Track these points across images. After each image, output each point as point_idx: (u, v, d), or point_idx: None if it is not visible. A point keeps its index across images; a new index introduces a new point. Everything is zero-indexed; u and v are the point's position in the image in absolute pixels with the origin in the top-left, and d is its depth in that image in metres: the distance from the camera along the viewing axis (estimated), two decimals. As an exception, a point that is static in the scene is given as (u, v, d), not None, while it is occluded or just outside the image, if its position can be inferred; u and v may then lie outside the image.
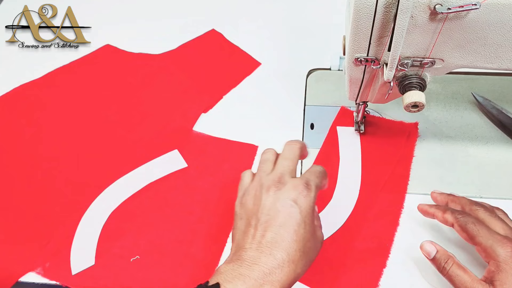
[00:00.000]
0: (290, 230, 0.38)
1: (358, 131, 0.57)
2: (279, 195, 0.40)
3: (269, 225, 0.38)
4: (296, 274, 0.37)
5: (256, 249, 0.37)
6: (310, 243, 0.39)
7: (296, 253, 0.37)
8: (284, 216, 0.38)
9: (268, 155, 0.45)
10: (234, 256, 0.38)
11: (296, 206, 0.39)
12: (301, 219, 0.38)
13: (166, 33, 0.73)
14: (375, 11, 0.38)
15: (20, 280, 0.48)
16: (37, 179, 0.57)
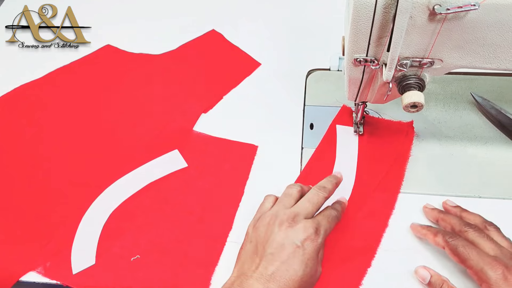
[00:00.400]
0: (290, 268, 0.40)
1: (357, 132, 0.57)
2: (289, 233, 0.42)
3: (273, 259, 0.40)
4: None
5: (256, 279, 0.40)
6: (307, 283, 0.41)
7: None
8: (288, 254, 0.40)
9: (293, 190, 0.47)
10: (236, 282, 0.40)
11: (302, 248, 0.41)
12: (304, 261, 0.40)
13: (166, 33, 0.73)
14: (374, 12, 0.38)
15: (20, 279, 0.49)
16: (37, 179, 0.57)
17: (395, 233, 0.50)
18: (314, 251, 0.41)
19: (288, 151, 0.57)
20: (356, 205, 0.51)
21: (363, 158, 0.55)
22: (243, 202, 0.53)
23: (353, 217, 0.51)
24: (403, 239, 0.49)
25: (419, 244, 0.49)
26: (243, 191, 0.54)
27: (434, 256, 0.48)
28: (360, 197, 0.52)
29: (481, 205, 0.51)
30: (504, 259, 0.41)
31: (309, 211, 0.44)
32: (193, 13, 0.76)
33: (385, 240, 0.49)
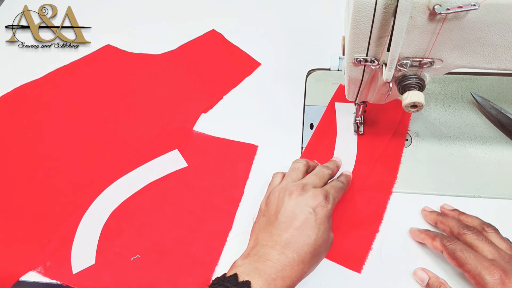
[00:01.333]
0: (304, 234, 0.41)
1: (357, 132, 0.57)
2: (299, 200, 0.44)
3: (287, 227, 0.42)
4: (304, 273, 0.41)
5: (272, 246, 0.41)
6: (321, 247, 0.42)
7: (306, 255, 0.41)
8: (300, 221, 0.42)
9: (299, 164, 0.50)
10: (252, 251, 0.42)
11: (313, 213, 0.43)
12: (316, 226, 0.42)
13: (166, 33, 0.73)
14: (374, 12, 0.38)
15: (21, 279, 0.49)
16: (37, 179, 0.57)
17: (394, 233, 0.50)
18: (325, 216, 0.43)
19: (288, 151, 0.57)
20: (361, 175, 0.53)
21: (364, 131, 0.57)
22: (243, 202, 0.53)
23: (358, 188, 0.53)
24: (403, 239, 0.49)
25: (419, 247, 0.49)
26: (243, 191, 0.54)
27: (433, 259, 0.48)
28: (363, 168, 0.54)
29: (481, 205, 0.51)
30: (502, 263, 0.41)
31: (316, 183, 0.47)
32: (193, 13, 0.76)
33: (385, 240, 0.49)
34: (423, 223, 0.50)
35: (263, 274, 0.39)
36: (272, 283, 0.39)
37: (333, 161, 0.53)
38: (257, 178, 0.55)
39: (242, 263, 0.41)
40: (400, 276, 0.47)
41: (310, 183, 0.46)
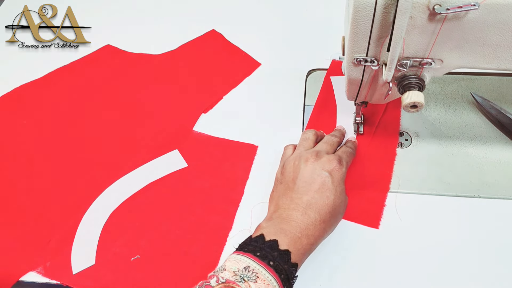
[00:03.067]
0: (323, 195, 0.45)
1: (357, 132, 0.57)
2: (315, 165, 0.47)
3: (306, 190, 0.45)
4: (325, 232, 0.44)
5: (294, 209, 0.44)
6: (339, 208, 0.46)
7: (326, 215, 0.44)
8: (319, 184, 0.45)
9: (309, 134, 0.53)
10: (274, 215, 0.45)
11: (330, 176, 0.46)
12: (333, 187, 0.45)
13: (166, 33, 0.73)
14: (374, 12, 0.38)
15: (21, 279, 0.49)
16: (37, 179, 0.57)
17: (394, 233, 0.50)
18: (340, 178, 0.46)
19: (288, 151, 0.57)
20: (365, 142, 0.56)
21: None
22: (243, 202, 0.53)
23: (364, 152, 0.55)
24: (403, 239, 0.49)
25: (417, 244, 0.49)
26: (243, 191, 0.54)
27: (432, 260, 0.48)
28: (365, 135, 0.57)
29: (481, 205, 0.51)
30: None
31: (328, 149, 0.50)
32: (193, 13, 0.76)
33: (384, 240, 0.49)
34: (424, 223, 0.50)
35: (289, 233, 0.42)
36: (297, 241, 0.42)
37: (338, 130, 0.56)
38: (257, 178, 0.55)
39: (266, 225, 0.44)
40: (417, 228, 0.49)
41: (323, 150, 0.50)
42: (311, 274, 0.47)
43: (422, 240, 0.49)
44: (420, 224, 0.50)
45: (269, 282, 0.38)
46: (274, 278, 0.39)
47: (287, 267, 0.40)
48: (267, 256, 0.40)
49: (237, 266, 0.39)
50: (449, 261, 0.47)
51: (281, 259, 0.40)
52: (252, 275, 0.39)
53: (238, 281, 0.38)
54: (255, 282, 0.38)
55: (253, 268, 0.39)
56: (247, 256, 0.40)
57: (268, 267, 0.39)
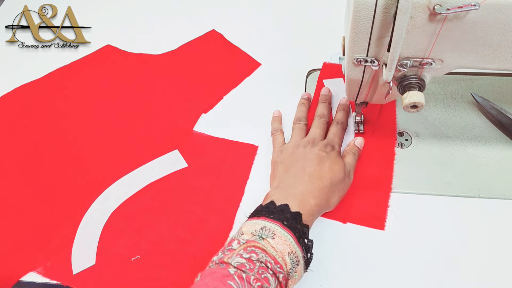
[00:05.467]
0: (324, 167, 0.49)
1: (358, 131, 0.57)
2: (313, 149, 0.52)
3: (307, 165, 0.50)
4: (329, 198, 0.48)
5: (298, 178, 0.48)
6: (341, 180, 0.50)
7: (328, 182, 0.48)
8: (318, 160, 0.50)
9: (301, 124, 0.57)
10: (280, 184, 0.49)
11: (327, 155, 0.51)
12: (333, 162, 0.50)
13: (166, 34, 0.73)
14: (375, 12, 0.38)
15: (21, 279, 0.49)
16: (38, 179, 0.57)
17: (394, 233, 0.50)
18: (337, 156, 0.52)
19: (288, 151, 0.57)
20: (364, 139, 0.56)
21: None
22: (243, 202, 0.53)
23: (364, 152, 0.56)
24: (403, 239, 0.49)
25: (417, 244, 0.49)
26: (243, 191, 0.54)
27: (432, 260, 0.48)
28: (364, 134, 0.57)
29: (481, 205, 0.51)
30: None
31: (321, 134, 0.55)
32: (193, 13, 0.76)
33: (384, 240, 0.49)
34: (424, 223, 0.50)
35: (297, 197, 0.46)
36: (306, 203, 0.46)
37: (322, 104, 0.59)
38: (257, 178, 0.55)
39: (275, 192, 0.47)
40: (417, 228, 0.50)
41: (316, 137, 0.54)
42: (312, 274, 0.47)
43: (422, 240, 0.49)
44: (420, 224, 0.50)
45: (286, 238, 0.41)
46: (290, 235, 0.42)
47: (299, 226, 0.43)
48: (280, 218, 0.43)
49: (254, 228, 0.42)
50: (449, 261, 0.47)
51: (293, 220, 0.43)
52: (270, 233, 0.41)
53: (258, 240, 0.41)
54: (273, 238, 0.41)
55: (269, 228, 0.42)
56: (262, 219, 0.43)
57: (283, 226, 0.42)
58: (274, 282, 0.39)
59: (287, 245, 0.41)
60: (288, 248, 0.41)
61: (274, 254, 0.40)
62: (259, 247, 0.40)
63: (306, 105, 0.60)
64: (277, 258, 0.40)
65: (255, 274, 0.38)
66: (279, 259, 0.40)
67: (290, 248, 0.41)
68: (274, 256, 0.40)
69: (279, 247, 0.40)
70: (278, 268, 0.39)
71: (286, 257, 0.40)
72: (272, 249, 0.40)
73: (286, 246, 0.41)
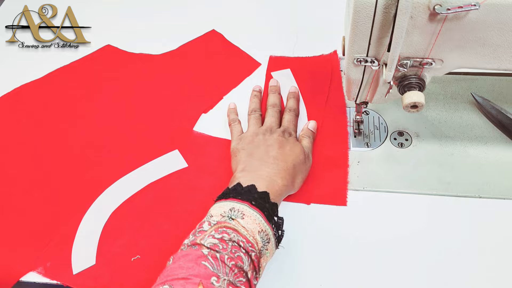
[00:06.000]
0: (285, 150, 0.51)
1: (358, 130, 0.57)
2: (273, 135, 0.54)
3: (270, 150, 0.51)
4: (294, 179, 0.50)
5: (264, 161, 0.50)
6: (302, 162, 0.52)
7: (292, 164, 0.50)
8: (279, 145, 0.52)
9: (256, 114, 0.58)
10: (246, 167, 0.49)
11: (286, 140, 0.53)
12: (292, 145, 0.52)
13: (166, 33, 0.73)
14: (375, 12, 0.38)
15: (21, 279, 0.49)
16: (38, 179, 0.57)
17: (395, 233, 0.50)
18: (295, 140, 0.54)
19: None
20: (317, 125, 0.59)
21: (304, 91, 0.62)
22: (243, 202, 0.53)
23: (317, 136, 0.58)
24: (403, 239, 0.49)
25: (417, 244, 0.49)
26: (243, 191, 0.54)
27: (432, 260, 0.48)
28: (316, 117, 0.59)
29: (481, 205, 0.51)
30: None
31: (276, 122, 0.57)
32: (193, 13, 0.76)
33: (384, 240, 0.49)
34: (424, 223, 0.50)
35: (265, 178, 0.47)
36: (273, 183, 0.47)
37: (273, 95, 0.61)
38: (257, 178, 0.55)
39: (241, 175, 0.48)
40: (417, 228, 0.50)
41: (273, 125, 0.56)
42: (312, 274, 0.47)
43: (422, 240, 0.49)
44: (420, 224, 0.50)
45: (255, 217, 0.42)
46: (259, 214, 0.43)
47: (268, 205, 0.44)
48: (248, 198, 0.44)
49: (223, 209, 0.43)
50: (449, 261, 0.47)
51: (261, 199, 0.44)
52: (239, 213, 0.42)
53: (228, 220, 0.41)
54: (243, 218, 0.42)
55: (238, 208, 0.43)
56: (230, 200, 0.44)
57: (252, 205, 0.43)
58: (247, 261, 0.39)
59: (257, 224, 0.42)
60: (258, 227, 0.42)
61: (245, 233, 0.41)
62: (229, 227, 0.41)
63: (258, 97, 0.62)
64: (248, 237, 0.41)
65: (228, 253, 0.38)
66: (250, 238, 0.41)
67: (260, 227, 0.42)
68: (245, 235, 0.40)
69: (249, 226, 0.41)
70: (250, 247, 0.40)
71: (256, 235, 0.41)
72: (243, 229, 0.41)
73: (256, 225, 0.42)
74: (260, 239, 0.41)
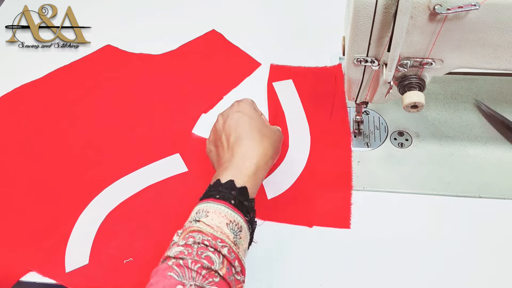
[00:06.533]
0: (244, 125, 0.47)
1: (358, 130, 0.57)
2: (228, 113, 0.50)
3: (229, 133, 0.48)
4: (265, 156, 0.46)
5: (224, 148, 0.47)
6: (266, 128, 0.48)
7: (257, 136, 0.47)
8: (235, 121, 0.48)
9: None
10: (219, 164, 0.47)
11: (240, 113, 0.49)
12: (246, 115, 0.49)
13: (166, 33, 0.73)
14: (375, 12, 0.38)
15: (21, 279, 0.49)
16: (38, 179, 0.57)
17: (395, 233, 0.50)
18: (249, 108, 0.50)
19: (288, 151, 0.57)
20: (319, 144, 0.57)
21: (306, 104, 0.60)
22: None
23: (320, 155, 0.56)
24: (403, 240, 0.49)
25: (417, 244, 0.49)
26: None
27: (432, 260, 0.48)
28: (318, 136, 0.58)
29: (481, 205, 0.51)
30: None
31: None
32: (193, 13, 0.76)
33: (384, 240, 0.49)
34: (424, 223, 0.50)
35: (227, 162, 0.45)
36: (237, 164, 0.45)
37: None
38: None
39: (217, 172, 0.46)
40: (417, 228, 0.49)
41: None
42: (312, 274, 0.47)
43: (422, 239, 0.49)
44: (420, 224, 0.50)
45: (220, 210, 0.41)
46: (224, 205, 0.41)
47: (234, 192, 0.42)
48: (211, 194, 0.42)
49: (191, 215, 0.42)
50: (449, 261, 0.47)
51: (226, 189, 0.42)
52: (203, 213, 0.41)
53: (193, 224, 0.40)
54: (207, 216, 0.41)
55: (202, 208, 0.42)
56: (199, 203, 0.43)
57: (215, 200, 0.42)
58: (219, 258, 0.38)
59: (223, 217, 0.40)
60: (225, 219, 0.40)
61: (211, 231, 0.39)
62: (194, 230, 0.40)
63: None
64: (215, 233, 0.39)
65: (193, 257, 0.37)
66: (218, 234, 0.39)
67: (228, 218, 0.41)
68: (211, 233, 0.39)
69: (214, 223, 0.40)
70: (220, 243, 0.39)
71: (225, 229, 0.40)
72: (207, 227, 0.39)
73: (222, 218, 0.40)
74: (230, 231, 0.40)
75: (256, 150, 0.46)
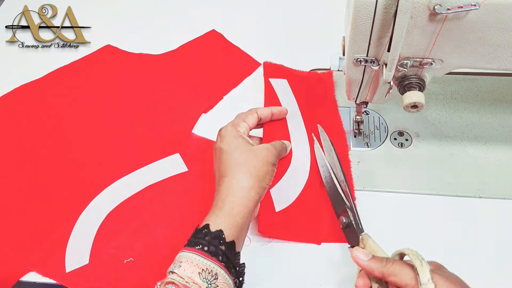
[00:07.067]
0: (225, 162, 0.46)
1: (358, 130, 0.57)
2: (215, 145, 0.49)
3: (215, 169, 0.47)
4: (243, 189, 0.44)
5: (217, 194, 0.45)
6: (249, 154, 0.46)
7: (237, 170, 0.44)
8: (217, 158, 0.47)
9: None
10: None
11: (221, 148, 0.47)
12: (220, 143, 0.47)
13: (166, 33, 0.73)
14: (375, 12, 0.38)
15: (21, 279, 0.49)
16: (38, 178, 0.57)
17: (395, 233, 0.50)
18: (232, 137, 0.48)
19: (288, 151, 0.57)
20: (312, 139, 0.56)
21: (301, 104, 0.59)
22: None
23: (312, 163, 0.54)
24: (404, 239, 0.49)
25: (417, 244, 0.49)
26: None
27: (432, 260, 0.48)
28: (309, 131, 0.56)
29: (481, 205, 0.51)
30: None
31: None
32: (193, 13, 0.76)
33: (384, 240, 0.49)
34: (424, 223, 0.50)
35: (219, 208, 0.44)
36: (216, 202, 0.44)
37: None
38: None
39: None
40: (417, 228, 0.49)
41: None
42: (312, 274, 0.47)
43: (422, 239, 0.49)
44: (420, 224, 0.50)
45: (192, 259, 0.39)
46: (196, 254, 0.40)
47: (208, 238, 0.41)
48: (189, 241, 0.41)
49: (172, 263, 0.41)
50: (449, 261, 0.47)
51: (200, 235, 0.41)
52: (177, 264, 0.40)
53: (169, 276, 0.39)
54: (180, 267, 0.39)
55: (177, 258, 0.40)
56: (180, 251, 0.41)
57: (187, 248, 0.40)
58: None
59: (195, 266, 0.39)
60: (197, 268, 0.39)
61: (182, 282, 0.38)
62: (169, 282, 0.39)
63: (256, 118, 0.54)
64: (188, 284, 0.38)
65: None
66: (190, 285, 0.38)
67: (200, 267, 0.39)
68: (182, 284, 0.38)
69: (186, 273, 0.39)
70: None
71: (196, 279, 0.39)
72: (179, 278, 0.39)
73: (194, 268, 0.39)
74: (202, 280, 0.39)
75: (232, 188, 0.44)
